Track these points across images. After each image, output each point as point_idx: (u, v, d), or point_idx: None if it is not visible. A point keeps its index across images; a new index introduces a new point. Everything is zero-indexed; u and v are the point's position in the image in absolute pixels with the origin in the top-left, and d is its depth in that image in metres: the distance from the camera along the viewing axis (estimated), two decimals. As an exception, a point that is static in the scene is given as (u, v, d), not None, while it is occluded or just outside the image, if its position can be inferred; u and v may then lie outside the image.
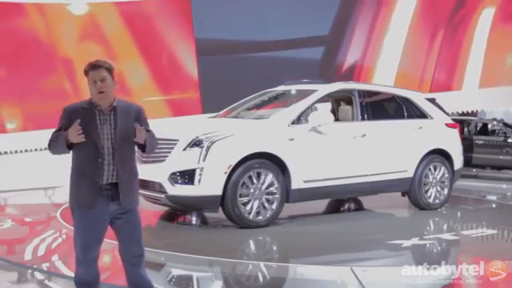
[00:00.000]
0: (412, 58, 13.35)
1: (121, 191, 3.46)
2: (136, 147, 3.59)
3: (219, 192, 6.30)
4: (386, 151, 7.44)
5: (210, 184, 6.29)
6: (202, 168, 6.26)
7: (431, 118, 7.99)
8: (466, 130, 12.42)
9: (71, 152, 3.46)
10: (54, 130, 3.51)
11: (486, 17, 13.57)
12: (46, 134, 3.62)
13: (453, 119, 8.84)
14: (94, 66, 3.43)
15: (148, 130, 3.60)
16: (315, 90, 7.29)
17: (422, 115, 7.94)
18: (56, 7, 11.44)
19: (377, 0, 13.32)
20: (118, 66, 11.17)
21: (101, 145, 3.41)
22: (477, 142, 12.25)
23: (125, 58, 11.57)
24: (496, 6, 13.61)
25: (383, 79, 12.62)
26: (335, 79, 9.04)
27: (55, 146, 3.45)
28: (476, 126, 12.87)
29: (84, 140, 3.33)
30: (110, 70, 3.46)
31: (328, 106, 8.09)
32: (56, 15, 11.45)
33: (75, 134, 3.31)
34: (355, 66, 13.13)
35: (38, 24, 11.28)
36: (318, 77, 12.12)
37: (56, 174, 6.12)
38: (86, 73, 3.45)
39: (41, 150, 10.47)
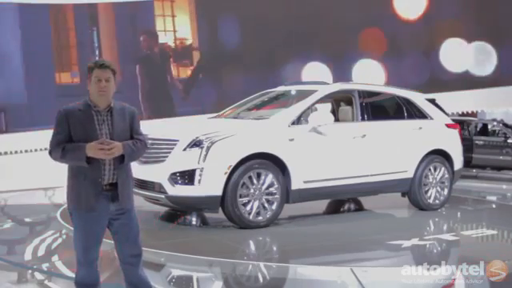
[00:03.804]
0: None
1: (121, 191, 3.46)
2: None
3: (219, 192, 6.29)
4: (386, 152, 7.44)
5: (210, 184, 6.29)
6: (202, 168, 6.26)
7: (431, 118, 7.99)
8: (465, 130, 12.40)
9: None
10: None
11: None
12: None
13: (453, 120, 8.83)
14: (101, 66, 3.43)
15: (140, 134, 3.59)
16: (315, 91, 7.29)
17: (422, 116, 7.93)
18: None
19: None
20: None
21: None
22: (477, 142, 12.23)
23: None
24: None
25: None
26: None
27: (70, 157, 3.37)
28: (476, 127, 12.85)
29: (109, 157, 3.34)
30: (114, 72, 3.48)
31: (328, 106, 8.10)
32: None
33: (96, 150, 3.31)
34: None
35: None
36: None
37: (56, 174, 6.12)
38: (91, 70, 3.45)
39: (41, 150, 10.48)
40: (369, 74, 12.67)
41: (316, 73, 12.55)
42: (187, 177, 6.30)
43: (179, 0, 12.31)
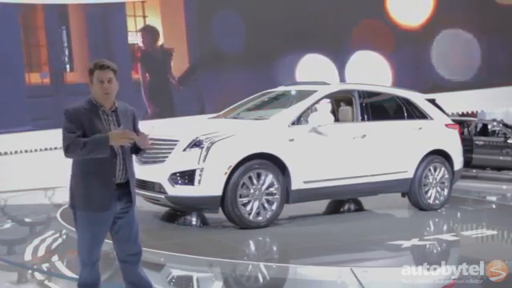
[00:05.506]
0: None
1: (132, 189, 3.50)
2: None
3: (219, 193, 6.30)
4: (386, 152, 7.44)
5: (210, 184, 6.29)
6: (202, 168, 6.26)
7: (431, 118, 7.99)
8: (465, 130, 12.41)
9: None
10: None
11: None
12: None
13: (453, 120, 8.84)
14: (101, 67, 3.44)
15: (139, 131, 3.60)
16: (315, 91, 7.30)
17: (422, 116, 7.93)
18: None
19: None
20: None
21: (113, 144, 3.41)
22: (477, 142, 12.24)
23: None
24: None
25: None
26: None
27: (93, 149, 3.32)
28: (476, 127, 12.86)
29: (130, 143, 3.38)
30: (115, 71, 3.49)
31: (328, 106, 8.10)
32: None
33: (119, 138, 3.33)
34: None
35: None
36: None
37: (56, 174, 6.12)
38: (91, 72, 3.45)
39: (40, 150, 10.47)
40: (368, 67, 12.63)
41: (315, 65, 12.54)
42: (187, 177, 6.30)
43: (150, 1, 12.31)
